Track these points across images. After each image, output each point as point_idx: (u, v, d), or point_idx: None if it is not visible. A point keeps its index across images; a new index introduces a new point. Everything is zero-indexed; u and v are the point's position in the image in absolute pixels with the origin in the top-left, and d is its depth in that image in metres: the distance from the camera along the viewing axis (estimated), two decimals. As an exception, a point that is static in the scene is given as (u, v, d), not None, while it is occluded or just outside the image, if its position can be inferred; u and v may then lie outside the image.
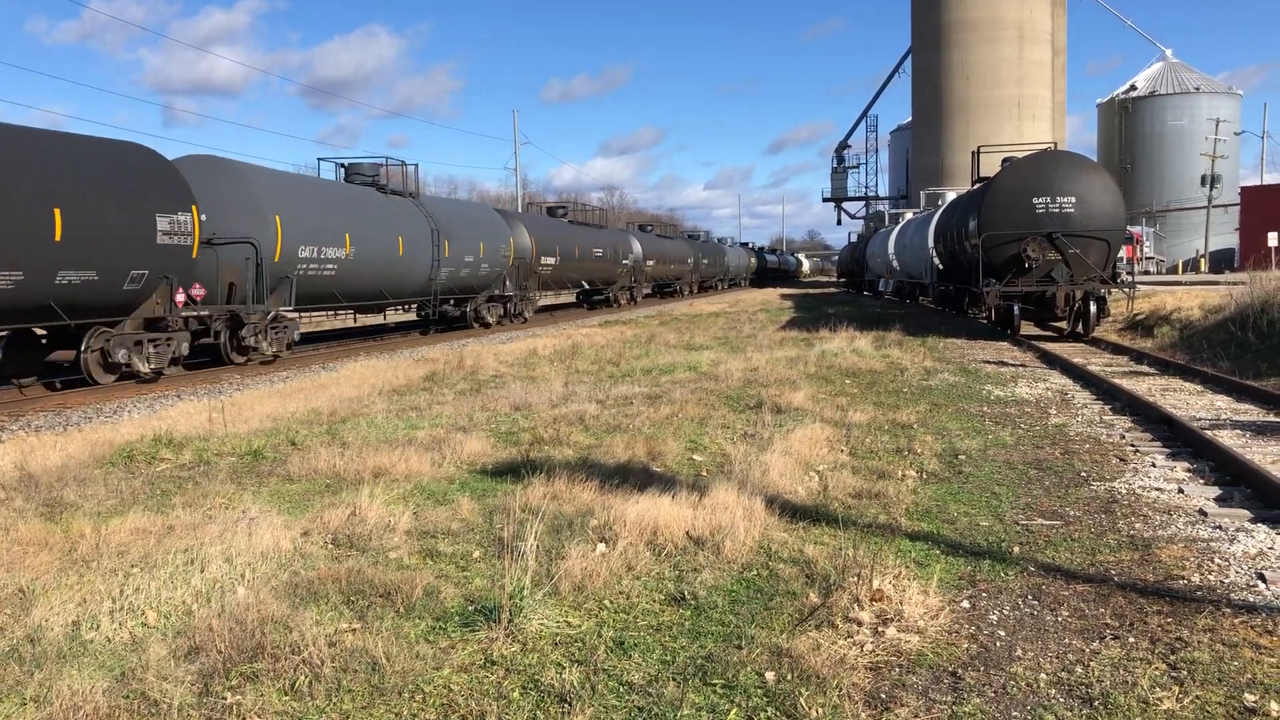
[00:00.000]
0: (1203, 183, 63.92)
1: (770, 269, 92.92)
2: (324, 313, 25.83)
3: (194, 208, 15.54)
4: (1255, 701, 3.62)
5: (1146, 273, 26.30)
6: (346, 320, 30.42)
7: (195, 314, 16.05)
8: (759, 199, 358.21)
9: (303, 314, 21.10)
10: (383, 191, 23.34)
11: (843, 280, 72.31)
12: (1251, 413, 10.42)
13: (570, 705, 3.63)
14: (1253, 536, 5.72)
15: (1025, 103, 66.08)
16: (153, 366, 14.97)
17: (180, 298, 15.29)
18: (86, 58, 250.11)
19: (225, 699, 3.70)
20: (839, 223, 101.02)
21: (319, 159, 33.99)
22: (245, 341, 17.46)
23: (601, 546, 5.44)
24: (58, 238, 12.67)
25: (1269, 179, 69.39)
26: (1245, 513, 6.23)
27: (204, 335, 16.81)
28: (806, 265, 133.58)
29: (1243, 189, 63.26)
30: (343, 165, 23.79)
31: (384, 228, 21.86)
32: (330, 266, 19.60)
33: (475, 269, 26.66)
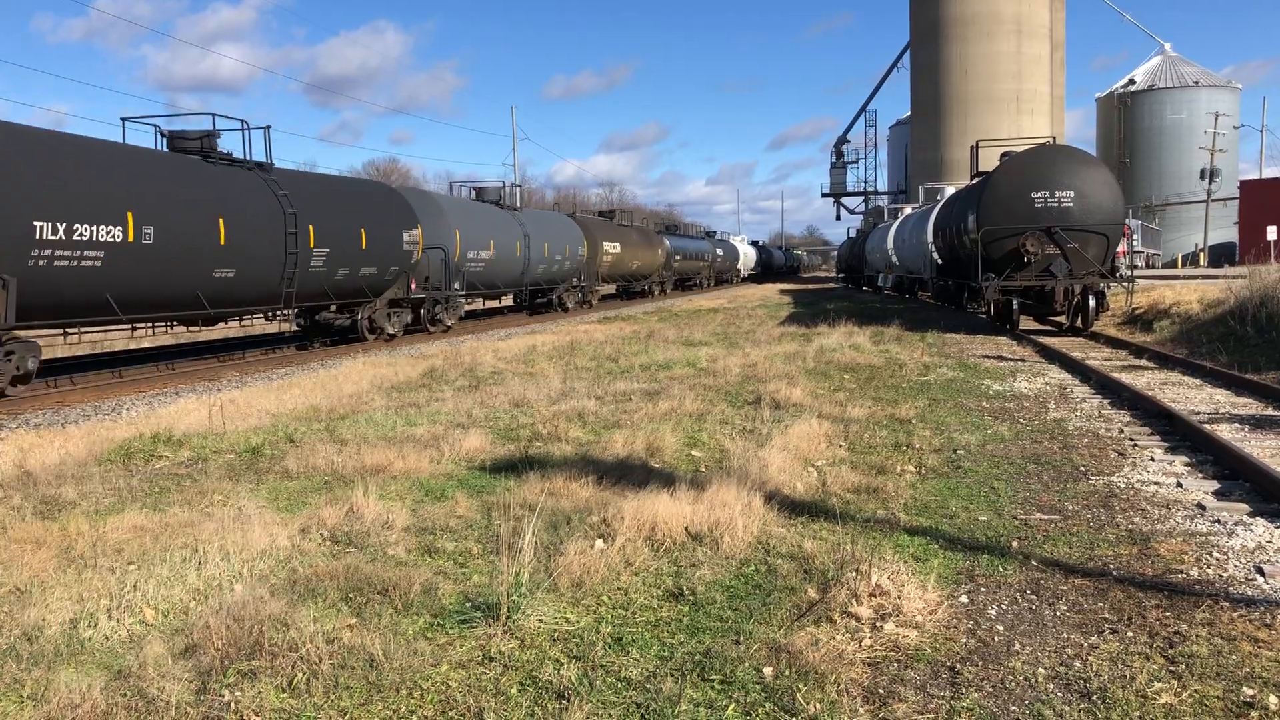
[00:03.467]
0: (1202, 176, 63.97)
1: (770, 265, 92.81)
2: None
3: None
4: (1253, 695, 3.62)
5: (1135, 267, 26.18)
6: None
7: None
8: (760, 195, 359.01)
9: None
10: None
11: (842, 275, 72.29)
12: (1250, 407, 10.42)
13: (568, 701, 3.63)
14: (1251, 530, 5.72)
15: (1024, 97, 66.00)
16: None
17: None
18: (91, 55, 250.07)
19: (223, 696, 3.70)
20: (838, 218, 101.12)
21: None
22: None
23: (600, 543, 5.44)
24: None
25: (1268, 173, 69.37)
26: (1244, 507, 6.23)
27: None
28: (805, 260, 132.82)
29: (1242, 183, 63.26)
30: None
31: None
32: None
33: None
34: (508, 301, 36.58)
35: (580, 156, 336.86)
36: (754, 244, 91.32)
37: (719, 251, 67.24)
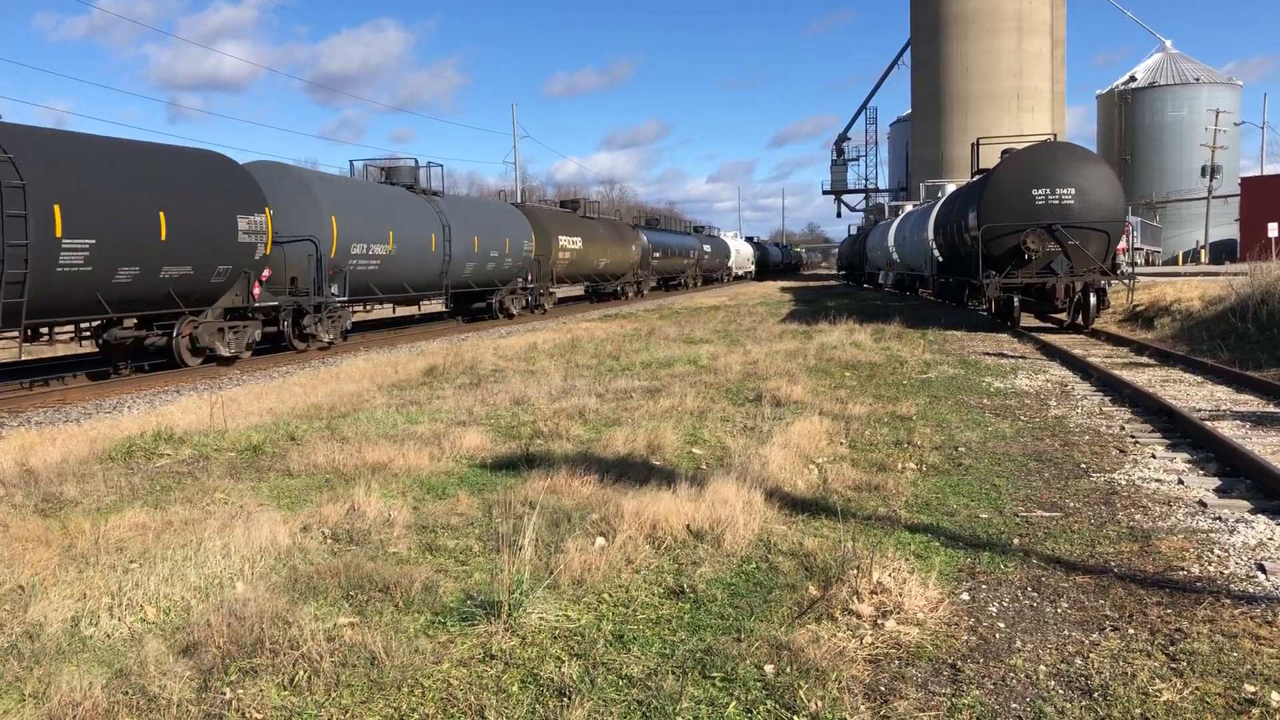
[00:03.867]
0: (1203, 173, 63.88)
1: (766, 262, 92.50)
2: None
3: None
4: (1255, 692, 3.62)
5: (1134, 264, 26.11)
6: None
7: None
8: (760, 192, 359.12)
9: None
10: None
11: (842, 273, 72.20)
12: (1251, 403, 10.42)
13: (569, 699, 3.63)
14: (1252, 527, 5.71)
15: (1024, 94, 65.91)
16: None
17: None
18: (93, 53, 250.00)
19: (224, 694, 3.70)
20: (839, 215, 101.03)
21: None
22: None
23: (600, 540, 5.44)
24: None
25: (1269, 170, 69.33)
26: (1245, 504, 6.23)
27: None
28: (805, 257, 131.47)
29: (1243, 180, 63.23)
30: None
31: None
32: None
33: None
34: (436, 306, 29.71)
35: (581, 154, 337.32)
36: (749, 240, 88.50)
37: (706, 248, 62.79)
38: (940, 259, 29.44)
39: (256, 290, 17.40)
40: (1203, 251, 62.50)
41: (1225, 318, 17.31)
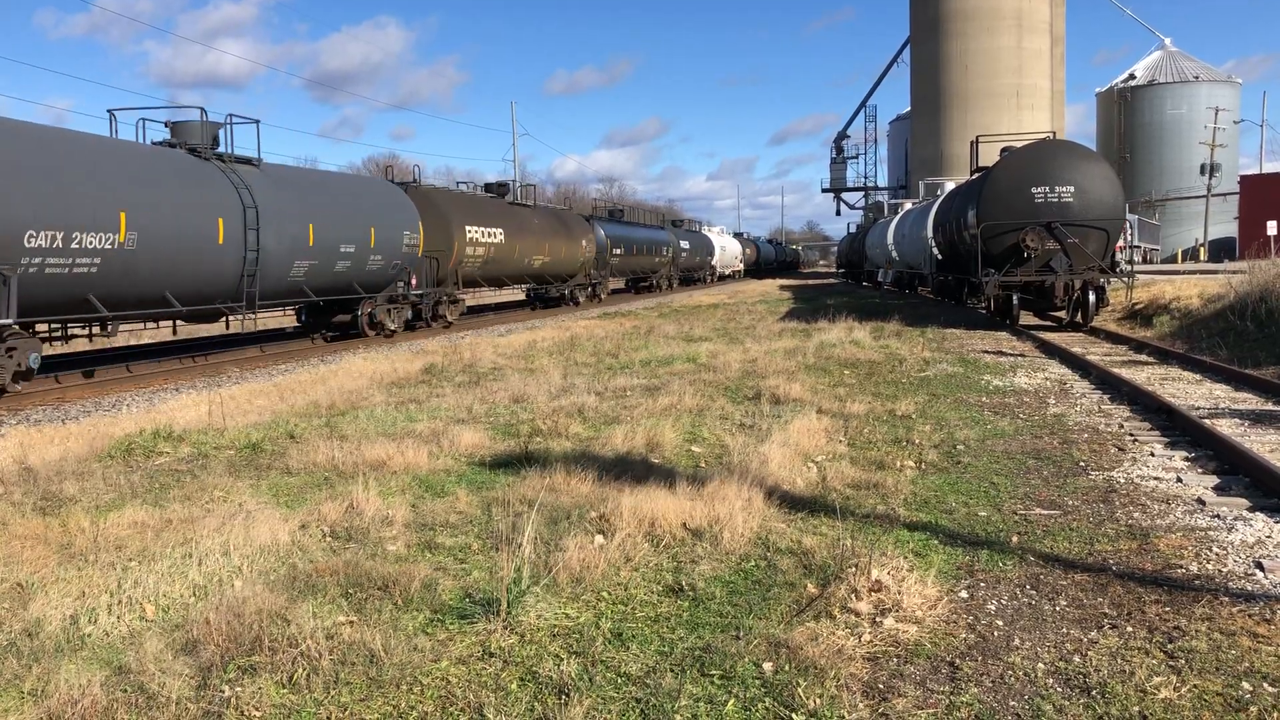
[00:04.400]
0: (1202, 171, 63.92)
1: (769, 260, 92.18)
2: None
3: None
4: (1252, 690, 3.62)
5: (1132, 262, 26.10)
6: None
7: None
8: (761, 190, 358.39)
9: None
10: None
11: (842, 271, 72.19)
12: (1250, 402, 10.42)
13: (568, 696, 3.63)
14: (1251, 525, 5.72)
15: (1024, 92, 65.93)
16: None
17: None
18: (93, 50, 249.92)
19: (223, 692, 3.70)
20: (838, 213, 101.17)
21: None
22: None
23: (599, 538, 5.44)
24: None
25: (1268, 168, 69.33)
26: (1243, 501, 6.23)
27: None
28: (802, 254, 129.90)
29: (1242, 177, 63.23)
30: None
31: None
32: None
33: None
34: (278, 321, 25.53)
35: (581, 152, 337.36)
36: (737, 236, 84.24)
37: (684, 245, 55.44)
38: (939, 257, 29.44)
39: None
40: (1202, 249, 62.54)
41: (1224, 316, 17.31)
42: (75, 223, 13.23)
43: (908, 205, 46.50)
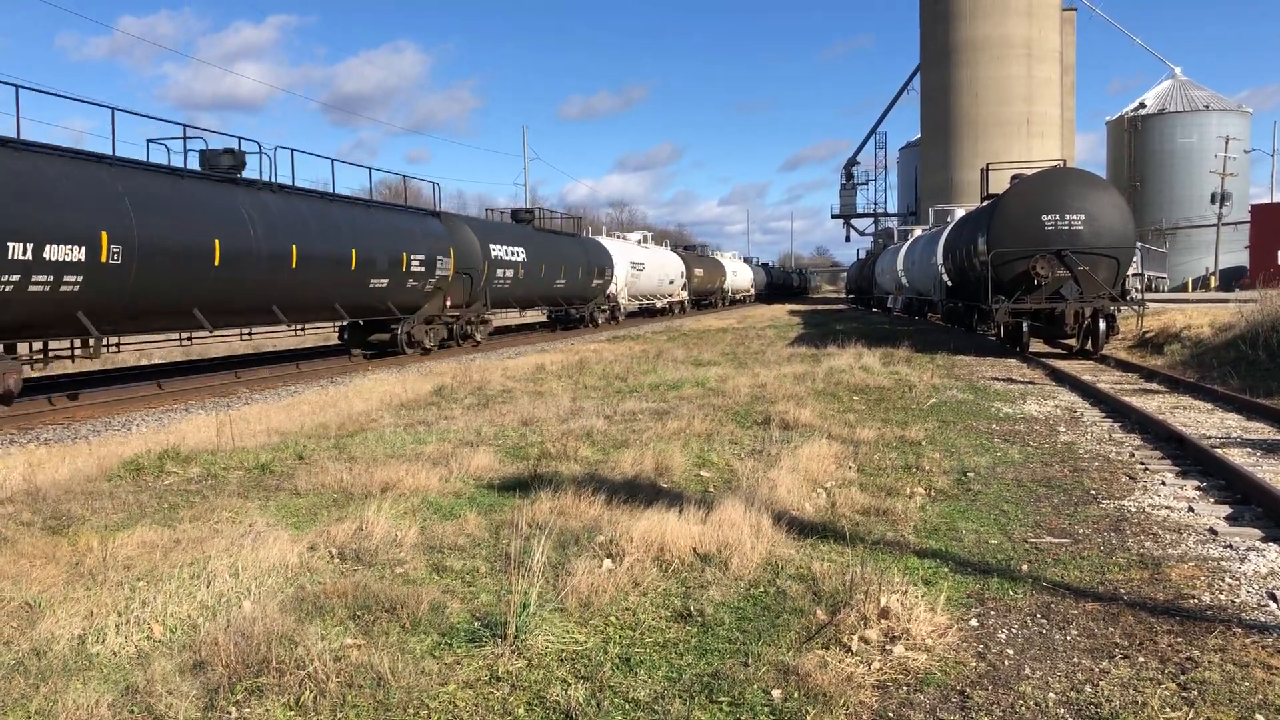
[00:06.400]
0: (1212, 200, 63.84)
1: (779, 285, 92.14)
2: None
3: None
4: (1267, 723, 3.59)
5: (1142, 290, 26.00)
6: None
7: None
8: (772, 215, 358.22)
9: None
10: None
11: (851, 297, 72.13)
12: (1262, 431, 10.37)
13: (575, 722, 3.61)
14: (1264, 556, 5.68)
15: (1034, 120, 66.09)
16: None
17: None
18: (114, 73, 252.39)
19: (230, 714, 3.69)
20: (848, 239, 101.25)
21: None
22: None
23: (608, 562, 5.42)
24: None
25: (1279, 197, 69.23)
26: (1256, 532, 6.19)
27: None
28: (807, 279, 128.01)
29: (1253, 206, 63.15)
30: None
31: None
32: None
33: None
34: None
35: (594, 176, 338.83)
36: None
37: (609, 267, 38.71)
38: (949, 284, 29.42)
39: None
40: (1212, 278, 62.40)
41: (1235, 344, 17.25)
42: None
43: (917, 232, 46.55)
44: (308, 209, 19.61)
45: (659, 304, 49.09)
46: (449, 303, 25.84)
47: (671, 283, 50.41)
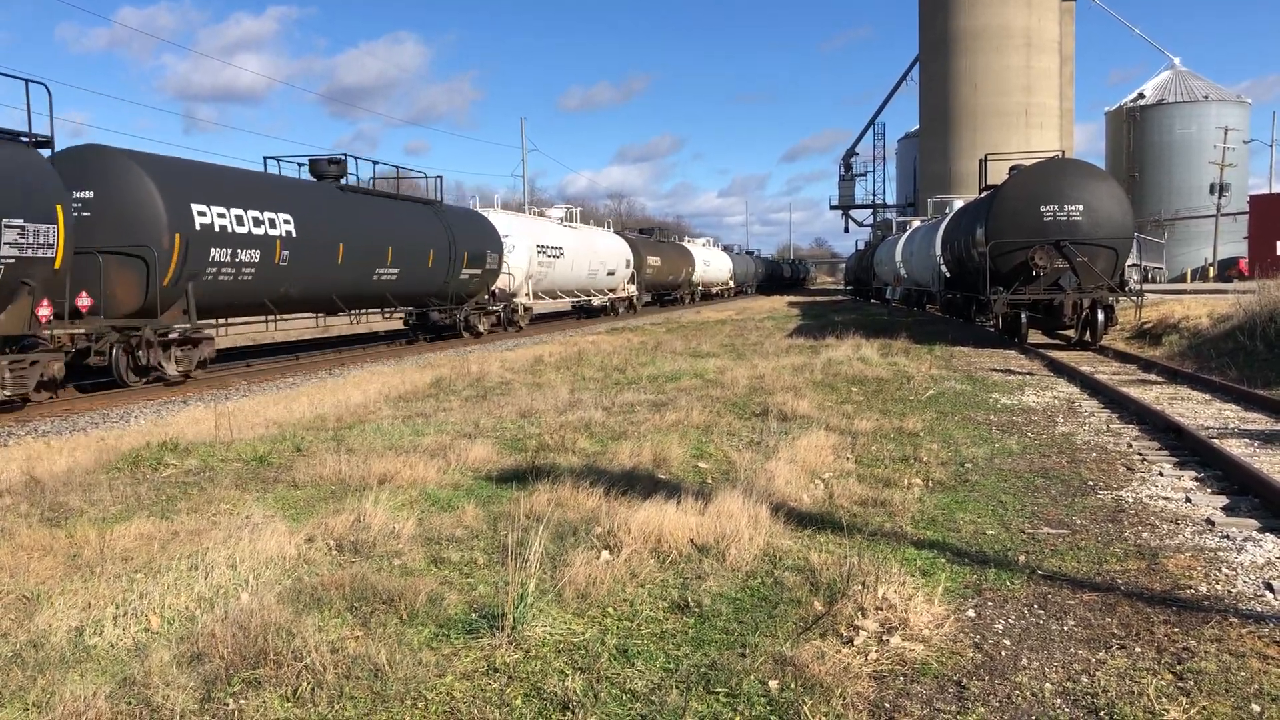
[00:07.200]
0: (1211, 191, 63.78)
1: (777, 277, 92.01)
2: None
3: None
4: (1262, 712, 3.59)
5: (1140, 280, 25.99)
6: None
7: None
8: (771, 207, 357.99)
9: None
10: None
11: (850, 288, 72.09)
12: (1260, 422, 10.37)
13: (573, 713, 3.62)
14: (1260, 546, 5.69)
15: (1033, 111, 65.96)
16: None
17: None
18: (113, 65, 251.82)
19: (228, 705, 3.69)
20: (846, 230, 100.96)
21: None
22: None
23: (606, 554, 5.43)
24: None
25: (1278, 187, 69.17)
26: (1253, 522, 6.20)
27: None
28: (793, 269, 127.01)
29: (1251, 197, 63.06)
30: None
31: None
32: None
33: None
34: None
35: (594, 168, 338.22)
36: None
37: (496, 252, 28.44)
38: (948, 274, 29.42)
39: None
40: (1210, 269, 62.40)
41: (1233, 335, 17.25)
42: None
43: (916, 223, 46.51)
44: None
45: (595, 301, 40.19)
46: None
47: (611, 274, 41.08)
